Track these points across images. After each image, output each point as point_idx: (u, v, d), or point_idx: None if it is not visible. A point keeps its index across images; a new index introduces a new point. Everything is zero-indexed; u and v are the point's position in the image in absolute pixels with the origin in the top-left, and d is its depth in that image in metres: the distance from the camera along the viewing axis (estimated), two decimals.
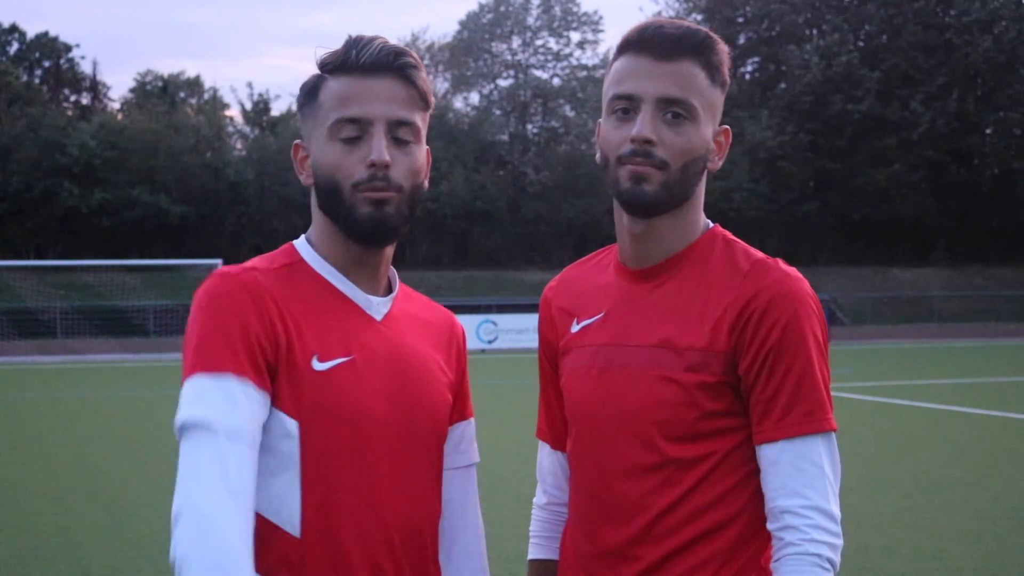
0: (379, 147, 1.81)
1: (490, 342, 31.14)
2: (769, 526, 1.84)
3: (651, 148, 1.83)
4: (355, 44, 1.86)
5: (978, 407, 15.46)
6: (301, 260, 1.91)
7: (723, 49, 1.91)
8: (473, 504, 2.08)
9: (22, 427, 14.11)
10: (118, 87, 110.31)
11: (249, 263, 1.88)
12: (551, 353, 2.09)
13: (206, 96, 56.26)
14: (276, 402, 1.78)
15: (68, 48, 56.68)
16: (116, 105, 56.47)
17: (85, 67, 61.36)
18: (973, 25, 48.63)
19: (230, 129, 52.56)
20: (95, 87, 57.37)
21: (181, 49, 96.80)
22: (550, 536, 2.13)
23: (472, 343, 30.47)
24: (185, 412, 1.69)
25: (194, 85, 56.82)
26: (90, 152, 43.94)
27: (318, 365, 1.81)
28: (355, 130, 1.83)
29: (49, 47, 55.99)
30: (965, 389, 18.54)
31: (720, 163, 1.94)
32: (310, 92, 1.90)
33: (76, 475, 10.16)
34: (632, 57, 1.87)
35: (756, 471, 1.87)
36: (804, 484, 1.79)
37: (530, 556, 2.16)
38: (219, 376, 1.70)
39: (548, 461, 2.15)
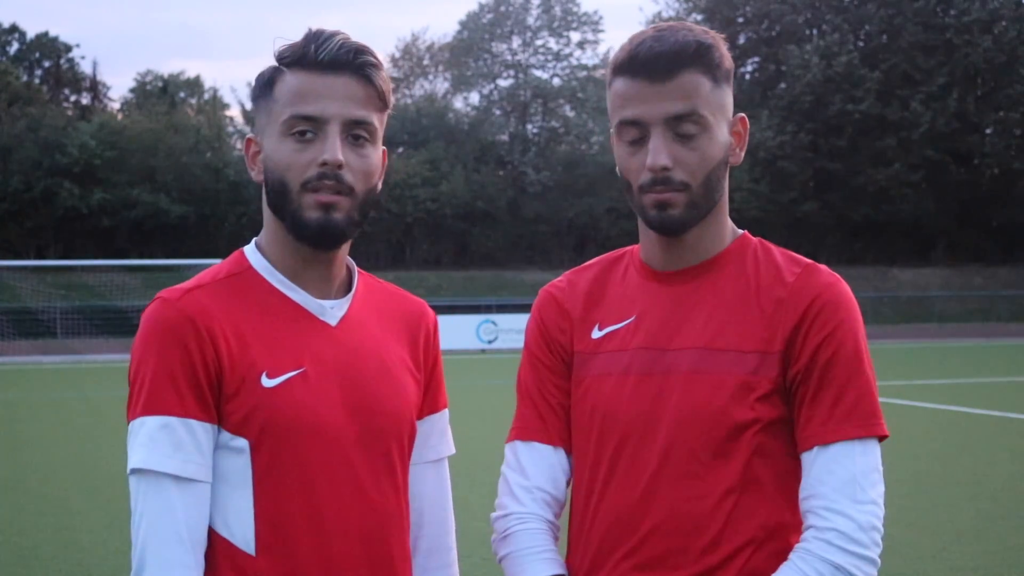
0: (333, 147, 1.76)
1: (490, 342, 31.10)
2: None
3: (669, 173, 1.79)
4: (315, 39, 1.81)
5: (978, 407, 15.45)
6: (249, 268, 1.87)
7: (719, 44, 1.85)
8: (443, 497, 2.03)
9: (22, 427, 14.11)
10: (118, 87, 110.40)
11: (194, 280, 1.84)
12: (555, 347, 1.97)
13: (206, 96, 56.27)
14: (225, 422, 1.77)
15: (68, 48, 56.66)
16: (116, 105, 56.52)
17: (85, 67, 61.35)
18: (973, 25, 48.63)
19: (230, 129, 52.53)
20: (95, 87, 57.37)
21: (181, 49, 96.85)
22: (556, 548, 1.95)
23: (472, 343, 30.45)
24: (134, 457, 1.75)
25: (194, 85, 56.80)
26: (90, 152, 43.92)
27: (267, 382, 1.77)
28: (309, 128, 1.78)
29: (49, 47, 55.96)
30: (965, 389, 18.53)
31: (742, 154, 1.89)
32: (266, 85, 1.84)
33: (76, 475, 10.16)
34: (629, 80, 1.81)
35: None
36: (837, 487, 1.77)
37: (551, 572, 1.89)
38: (164, 418, 1.74)
39: (549, 462, 1.96)
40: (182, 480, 1.73)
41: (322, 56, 1.79)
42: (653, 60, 1.79)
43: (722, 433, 1.81)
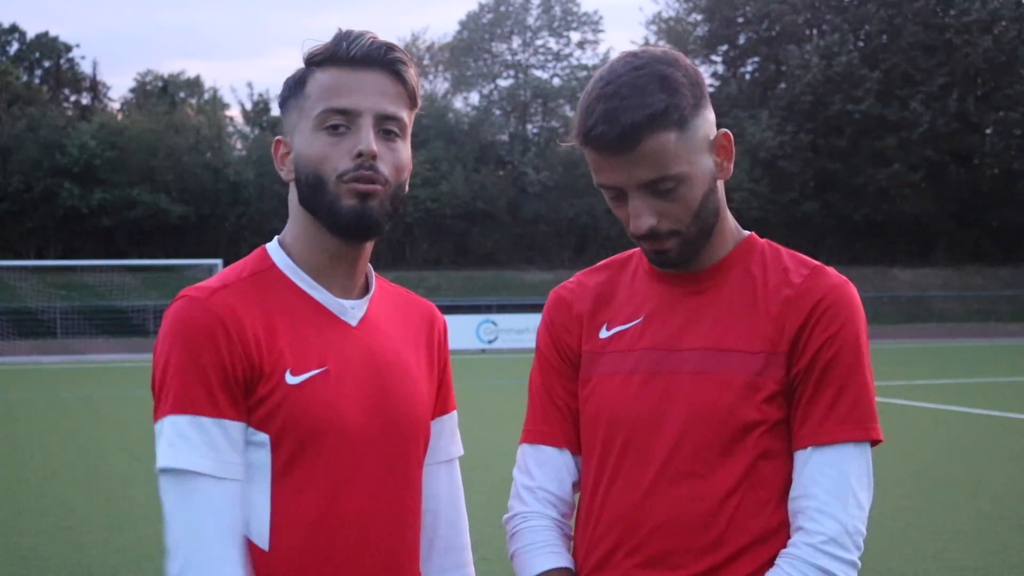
0: (367, 138, 1.78)
1: (490, 342, 31.10)
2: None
3: (656, 228, 1.79)
4: (345, 37, 1.83)
5: (978, 407, 15.46)
6: (273, 266, 1.87)
7: (682, 84, 1.77)
8: (455, 498, 2.04)
9: (22, 427, 14.11)
10: (118, 87, 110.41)
11: (218, 279, 1.84)
12: (564, 350, 2.00)
13: (206, 96, 56.28)
14: (249, 418, 1.77)
15: (68, 48, 56.67)
16: (116, 105, 56.55)
17: (85, 67, 61.41)
18: (973, 25, 48.64)
19: (230, 129, 52.57)
20: (95, 87, 57.37)
21: (181, 49, 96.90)
22: (563, 544, 2.00)
23: (472, 343, 30.44)
24: (167, 457, 1.72)
25: (194, 85, 56.81)
26: (90, 152, 43.93)
27: (291, 379, 1.77)
28: (343, 121, 1.79)
29: (49, 47, 55.97)
30: (965, 389, 18.53)
31: (731, 167, 1.87)
32: (296, 84, 1.86)
33: (76, 475, 10.16)
34: (593, 152, 1.79)
35: None
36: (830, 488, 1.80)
37: (554, 565, 1.93)
38: (195, 418, 1.72)
39: (554, 464, 2.00)
40: (218, 479, 1.72)
41: (354, 52, 1.81)
42: (608, 143, 1.75)
43: (728, 433, 1.81)
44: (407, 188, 1.89)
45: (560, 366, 2.00)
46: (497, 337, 31.13)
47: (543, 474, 1.99)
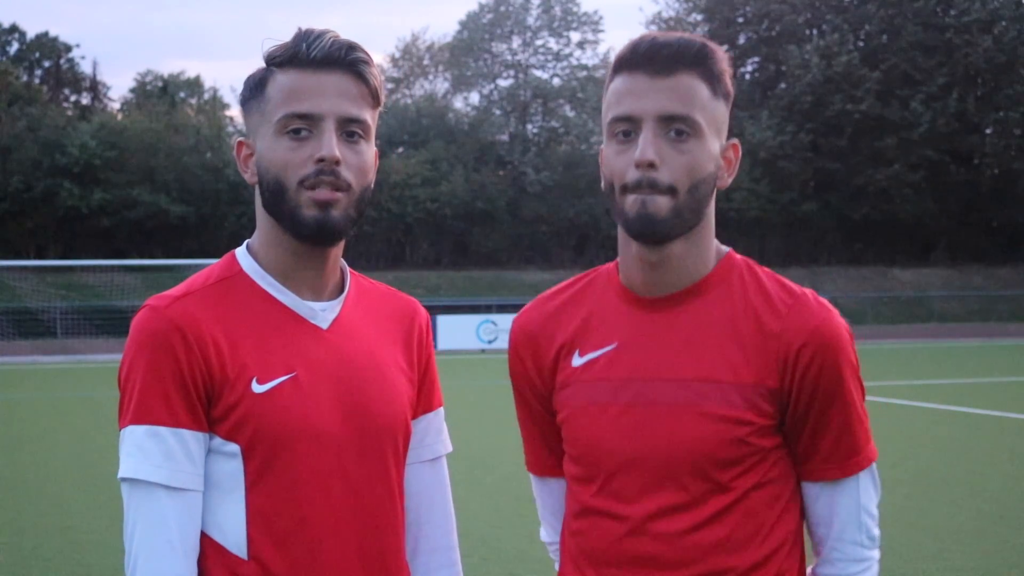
0: (329, 143, 1.75)
1: (490, 342, 31.09)
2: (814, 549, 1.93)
3: (655, 174, 1.73)
4: (305, 37, 1.80)
5: (978, 407, 15.45)
6: (240, 272, 1.85)
7: (723, 57, 1.80)
8: (441, 497, 2.02)
9: (22, 427, 14.11)
10: (118, 87, 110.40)
11: (183, 286, 1.83)
12: (539, 391, 1.96)
13: (206, 96, 56.26)
14: (216, 427, 1.77)
15: (68, 48, 56.64)
16: (116, 105, 56.50)
17: (85, 67, 61.39)
18: (973, 25, 48.62)
19: (230, 129, 52.49)
20: (95, 87, 57.34)
21: (181, 49, 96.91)
22: None
23: (472, 343, 30.46)
24: (125, 466, 1.75)
25: (194, 85, 56.77)
26: (90, 152, 43.89)
27: (257, 387, 1.77)
28: (304, 125, 1.77)
29: (49, 47, 55.95)
30: (965, 389, 18.53)
31: (730, 180, 1.84)
32: (256, 86, 1.83)
33: (76, 475, 10.16)
34: (628, 76, 1.77)
35: (793, 505, 1.86)
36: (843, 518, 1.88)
37: None
38: (153, 428, 1.73)
39: (555, 495, 2.03)
40: (173, 489, 1.73)
41: (314, 54, 1.78)
42: (654, 53, 1.76)
43: (713, 467, 1.79)
44: (372, 187, 1.86)
45: (536, 405, 1.98)
46: (497, 337, 31.11)
47: (546, 507, 2.06)
